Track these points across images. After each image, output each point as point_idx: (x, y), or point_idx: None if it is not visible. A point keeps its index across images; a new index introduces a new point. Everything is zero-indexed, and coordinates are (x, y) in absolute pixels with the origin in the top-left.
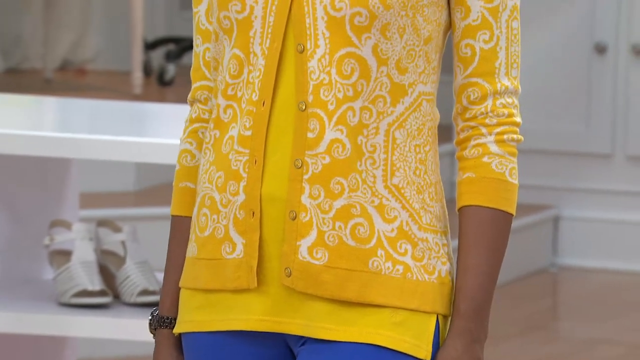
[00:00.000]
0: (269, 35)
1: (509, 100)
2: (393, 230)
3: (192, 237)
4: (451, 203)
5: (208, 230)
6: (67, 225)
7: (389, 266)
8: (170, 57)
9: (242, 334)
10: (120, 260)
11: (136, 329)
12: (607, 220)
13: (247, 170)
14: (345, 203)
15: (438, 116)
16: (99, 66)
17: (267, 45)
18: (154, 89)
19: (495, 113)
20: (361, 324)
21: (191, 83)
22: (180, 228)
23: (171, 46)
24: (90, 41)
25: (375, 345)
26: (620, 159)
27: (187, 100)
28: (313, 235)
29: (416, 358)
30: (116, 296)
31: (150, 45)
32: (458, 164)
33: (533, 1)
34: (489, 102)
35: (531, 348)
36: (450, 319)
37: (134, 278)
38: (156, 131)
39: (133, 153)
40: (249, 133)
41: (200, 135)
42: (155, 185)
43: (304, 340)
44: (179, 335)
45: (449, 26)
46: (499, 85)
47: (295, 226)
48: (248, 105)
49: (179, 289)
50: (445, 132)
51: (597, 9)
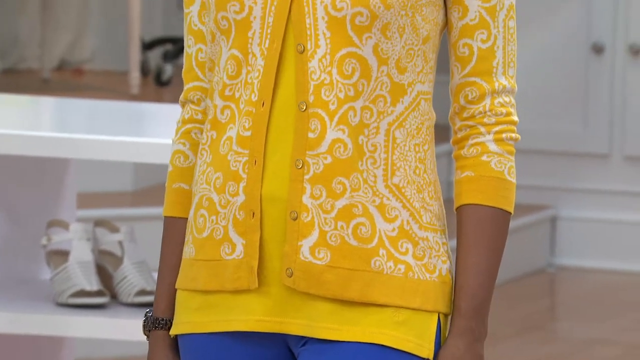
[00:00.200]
0: (268, 36)
1: (507, 99)
2: (394, 229)
3: (189, 239)
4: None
5: (206, 231)
6: (65, 226)
7: (390, 265)
8: (168, 57)
9: (242, 334)
10: (118, 260)
11: (134, 329)
12: (605, 220)
13: (247, 170)
14: (347, 203)
15: (435, 115)
16: (97, 66)
17: (267, 45)
18: (151, 89)
19: (493, 112)
20: (364, 324)
21: (183, 84)
22: (174, 229)
23: (168, 46)
24: (87, 41)
25: (379, 345)
26: (618, 159)
27: (179, 101)
28: (315, 235)
29: (419, 357)
30: (113, 296)
31: (147, 46)
32: (455, 163)
33: (531, 1)
34: (487, 102)
35: (529, 348)
36: (450, 317)
37: (131, 278)
38: (154, 131)
39: (131, 153)
40: (248, 134)
41: (194, 136)
42: (152, 185)
43: (305, 341)
44: (175, 336)
45: (445, 26)
46: (496, 84)
47: (297, 226)
48: (247, 106)
49: (174, 290)
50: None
51: (595, 9)
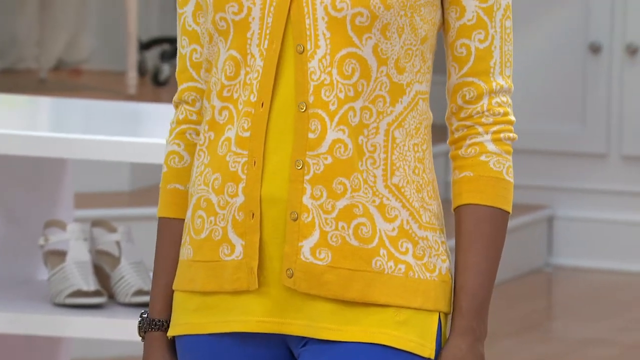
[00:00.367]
0: (267, 36)
1: (504, 99)
2: (394, 229)
3: (186, 240)
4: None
5: (204, 232)
6: (62, 226)
7: (391, 265)
8: (165, 57)
9: (240, 335)
10: (115, 260)
11: (131, 329)
12: (602, 220)
13: (246, 171)
14: (347, 203)
15: (432, 115)
16: (94, 66)
17: (266, 46)
18: (148, 89)
19: (491, 112)
20: (365, 324)
21: (177, 84)
22: (169, 230)
23: (166, 46)
24: (84, 41)
25: (380, 345)
26: (615, 158)
27: (173, 101)
28: (316, 235)
29: (421, 357)
30: (111, 296)
31: (144, 46)
32: (453, 163)
33: (528, 1)
34: (485, 101)
35: (525, 348)
36: (450, 316)
37: (128, 278)
38: (151, 131)
39: (128, 153)
40: (247, 134)
41: (188, 136)
42: (149, 185)
43: (305, 341)
44: (172, 338)
45: (441, 26)
46: (494, 84)
47: (297, 227)
48: (246, 107)
49: (170, 291)
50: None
51: (592, 9)
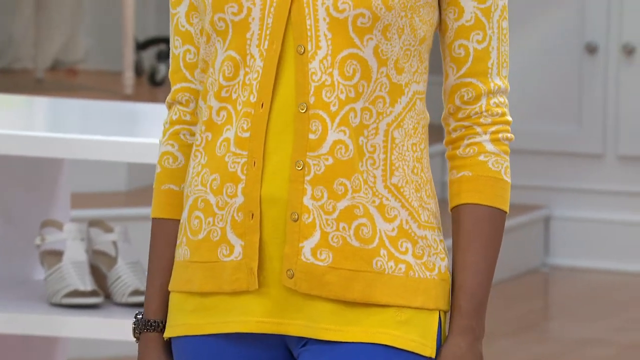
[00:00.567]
0: (267, 37)
1: (501, 99)
2: (394, 229)
3: (183, 241)
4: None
5: (202, 233)
6: (59, 226)
7: (391, 265)
8: (162, 57)
9: (237, 336)
10: (112, 260)
11: (127, 329)
12: (599, 220)
13: (246, 172)
14: (348, 204)
15: (428, 115)
16: (90, 66)
17: (266, 47)
18: (145, 89)
19: (489, 112)
20: (366, 324)
21: (170, 85)
22: (164, 231)
23: (162, 46)
24: (81, 41)
25: (382, 345)
26: (612, 159)
27: (165, 102)
28: (316, 236)
29: (422, 356)
30: (107, 296)
31: (141, 45)
32: (450, 163)
33: (524, 2)
34: (483, 102)
35: (522, 348)
36: (449, 315)
37: (125, 278)
38: (147, 131)
39: (124, 153)
40: (247, 135)
41: (182, 137)
42: (146, 185)
43: (305, 342)
44: (167, 339)
45: (438, 26)
46: (492, 84)
47: (298, 227)
48: (245, 107)
49: (165, 292)
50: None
51: (588, 9)
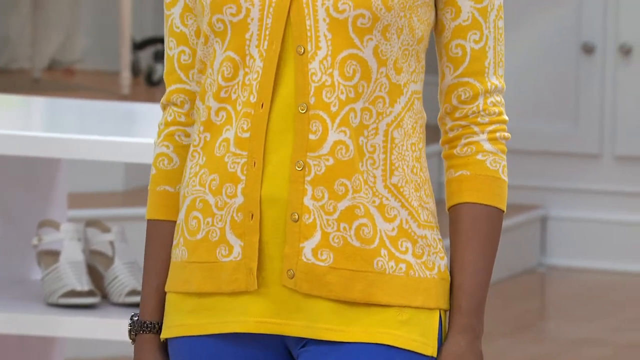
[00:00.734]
0: (267, 38)
1: (498, 98)
2: (394, 229)
3: (180, 241)
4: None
5: (200, 233)
6: (56, 226)
7: (392, 265)
8: (159, 57)
9: (235, 337)
10: (109, 260)
11: (124, 329)
12: (595, 220)
13: (246, 172)
14: (349, 204)
15: (425, 114)
16: (87, 66)
17: (265, 47)
18: (142, 89)
19: (487, 112)
20: (367, 324)
21: (165, 86)
22: (159, 232)
23: (159, 46)
24: (78, 41)
25: (384, 345)
26: (608, 159)
27: (160, 103)
28: (317, 236)
29: (424, 356)
30: (104, 296)
31: (138, 45)
32: (447, 162)
33: (521, 1)
34: (480, 101)
35: (519, 348)
36: (449, 313)
37: (122, 278)
38: (145, 131)
39: (121, 153)
40: (247, 135)
41: (177, 138)
42: (143, 185)
43: (305, 342)
44: (163, 340)
45: (433, 26)
46: (489, 84)
47: (298, 228)
48: (245, 108)
49: (161, 293)
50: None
51: (585, 9)
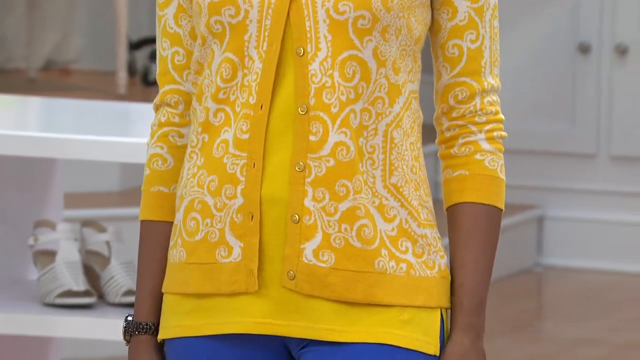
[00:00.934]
0: (266, 39)
1: (494, 98)
2: (394, 229)
3: (178, 242)
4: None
5: (199, 234)
6: (52, 226)
7: (392, 265)
8: (155, 57)
9: (237, 337)
10: (105, 260)
11: (121, 329)
12: (592, 220)
13: (245, 173)
14: (350, 205)
15: (422, 114)
16: (83, 66)
17: (265, 48)
18: (138, 89)
19: (483, 111)
20: (368, 324)
21: (158, 87)
22: (154, 233)
23: (155, 46)
24: (74, 41)
25: (387, 345)
26: (605, 159)
27: (153, 104)
28: (318, 238)
29: (427, 354)
30: (101, 296)
31: (134, 45)
32: (444, 162)
33: (517, 1)
34: (477, 101)
35: (516, 348)
36: (450, 312)
37: (118, 278)
38: (140, 131)
39: (118, 153)
40: (246, 136)
41: (171, 139)
42: (139, 185)
43: (305, 343)
44: (159, 341)
45: (430, 26)
46: (485, 83)
47: (299, 229)
48: (244, 109)
49: (156, 294)
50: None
51: (581, 9)
